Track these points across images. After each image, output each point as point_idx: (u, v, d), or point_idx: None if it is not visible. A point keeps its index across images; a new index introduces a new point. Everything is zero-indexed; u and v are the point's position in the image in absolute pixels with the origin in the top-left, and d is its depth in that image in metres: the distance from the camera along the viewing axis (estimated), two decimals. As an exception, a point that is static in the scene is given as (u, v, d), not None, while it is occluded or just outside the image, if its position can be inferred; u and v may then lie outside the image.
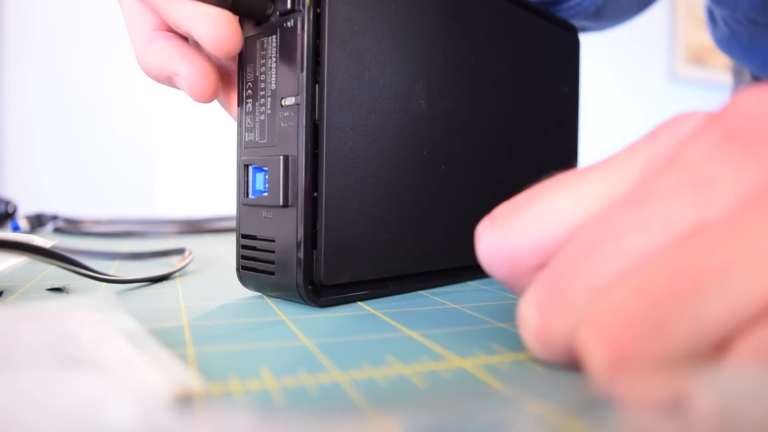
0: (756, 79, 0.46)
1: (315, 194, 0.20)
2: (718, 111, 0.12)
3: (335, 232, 0.20)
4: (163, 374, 0.11)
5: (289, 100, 0.20)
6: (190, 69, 0.20)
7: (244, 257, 0.22)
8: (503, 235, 0.14)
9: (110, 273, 0.27)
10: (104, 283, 0.24)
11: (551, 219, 0.13)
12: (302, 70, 0.19)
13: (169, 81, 0.21)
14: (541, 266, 0.14)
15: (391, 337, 0.17)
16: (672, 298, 0.10)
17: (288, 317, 0.19)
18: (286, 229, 0.20)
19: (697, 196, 0.11)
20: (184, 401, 0.10)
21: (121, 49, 1.39)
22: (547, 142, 0.31)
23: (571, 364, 0.13)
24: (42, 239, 0.23)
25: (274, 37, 0.20)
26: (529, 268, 0.14)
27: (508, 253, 0.14)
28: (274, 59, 0.20)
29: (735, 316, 0.10)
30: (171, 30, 0.21)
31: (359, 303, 0.21)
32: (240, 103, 0.22)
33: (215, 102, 0.23)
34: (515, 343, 0.16)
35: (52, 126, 1.34)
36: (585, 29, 0.37)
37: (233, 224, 0.51)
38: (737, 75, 0.50)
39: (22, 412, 0.09)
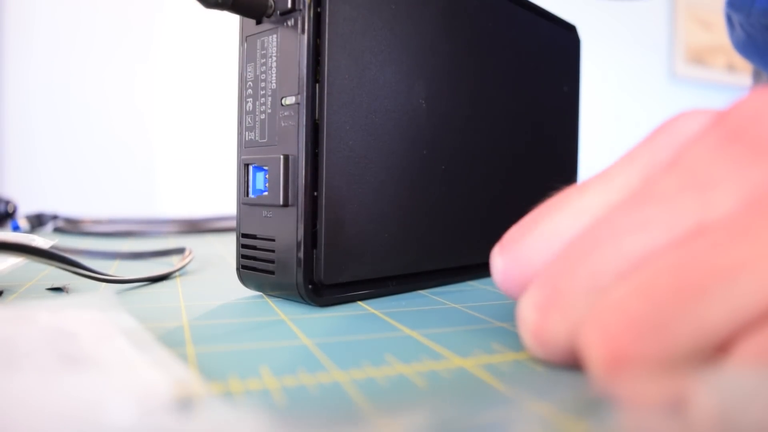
0: None
1: (315, 194, 0.20)
2: (722, 112, 0.12)
3: (335, 231, 0.20)
4: (163, 374, 0.11)
5: (290, 100, 0.20)
6: None
7: (244, 257, 0.22)
8: (512, 262, 0.14)
9: (110, 273, 0.27)
10: (104, 283, 0.24)
11: (554, 239, 0.14)
12: (303, 70, 0.19)
13: None
14: None
15: (391, 336, 0.17)
16: (674, 299, 0.10)
17: (288, 317, 0.19)
18: (286, 229, 0.20)
19: (699, 197, 0.11)
20: (184, 401, 0.10)
21: (121, 50, 1.39)
22: (547, 142, 0.31)
23: (569, 363, 0.13)
24: (42, 239, 0.23)
25: (275, 36, 0.20)
26: None
27: (518, 278, 0.14)
28: (274, 58, 0.20)
29: (737, 318, 0.10)
30: None
31: (359, 302, 0.21)
32: (240, 102, 0.22)
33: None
34: (515, 342, 0.16)
35: (52, 126, 1.35)
36: None
37: (233, 224, 0.51)
38: (756, 77, 0.50)
39: (22, 412, 0.09)
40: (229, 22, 0.35)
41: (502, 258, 0.15)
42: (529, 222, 0.15)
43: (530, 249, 0.14)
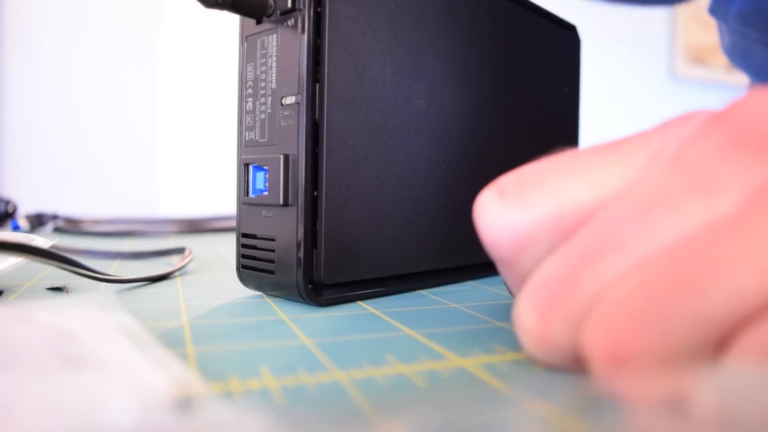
0: None
1: (315, 193, 0.20)
2: (723, 111, 0.12)
3: (335, 231, 0.20)
4: (163, 374, 0.11)
5: (290, 99, 0.20)
6: None
7: (244, 256, 0.22)
8: (515, 211, 0.13)
9: (110, 272, 0.27)
10: (104, 283, 0.24)
11: (568, 203, 0.13)
12: (303, 69, 0.19)
13: None
14: (547, 249, 0.13)
15: (392, 336, 0.17)
16: (674, 293, 0.10)
17: (288, 316, 0.19)
18: (286, 228, 0.20)
19: (706, 202, 0.11)
20: (184, 401, 0.10)
21: (120, 50, 1.39)
22: (548, 142, 0.31)
23: (570, 366, 0.13)
24: (42, 239, 0.23)
25: (275, 36, 0.20)
26: (536, 248, 0.13)
27: (517, 231, 0.13)
28: (274, 58, 0.20)
29: (737, 311, 0.10)
30: None
31: (359, 302, 0.21)
32: (240, 101, 0.22)
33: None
34: (515, 342, 0.16)
35: (52, 126, 1.34)
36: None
37: (233, 223, 0.51)
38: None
39: (22, 412, 0.09)
40: (230, 22, 0.35)
41: (502, 203, 0.13)
42: (537, 174, 0.13)
43: (541, 204, 0.13)
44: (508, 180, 0.14)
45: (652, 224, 0.11)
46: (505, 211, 0.13)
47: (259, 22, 0.21)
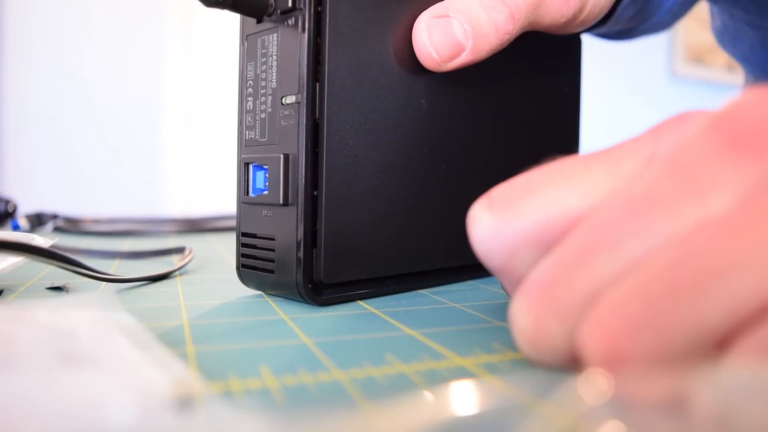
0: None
1: (315, 193, 0.20)
2: (719, 112, 0.12)
3: (335, 230, 0.20)
4: (163, 373, 0.11)
5: (290, 99, 0.20)
6: None
7: (244, 255, 0.22)
8: (504, 221, 0.13)
9: (110, 272, 0.27)
10: (104, 282, 0.24)
11: (555, 211, 0.13)
12: (303, 69, 0.19)
13: None
14: (538, 256, 0.13)
15: (392, 336, 0.17)
16: (671, 296, 0.10)
17: (288, 316, 0.19)
18: (286, 228, 0.20)
19: (700, 202, 0.11)
20: (184, 400, 0.10)
21: (119, 48, 1.39)
22: (548, 142, 0.31)
23: (566, 366, 0.13)
24: (42, 238, 0.23)
25: (275, 35, 0.20)
26: (527, 256, 0.14)
27: (507, 241, 0.13)
28: (274, 57, 0.20)
29: (735, 314, 0.10)
30: None
31: (359, 302, 0.21)
32: (240, 101, 0.22)
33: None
34: (515, 342, 0.16)
35: (52, 125, 1.34)
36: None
37: (233, 223, 0.51)
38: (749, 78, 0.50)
39: (22, 412, 0.09)
40: (232, 21, 0.34)
41: (492, 217, 0.14)
42: (526, 185, 0.14)
43: (528, 214, 0.13)
44: (497, 191, 0.14)
45: (646, 224, 0.11)
46: (494, 221, 0.14)
47: (259, 21, 0.21)
